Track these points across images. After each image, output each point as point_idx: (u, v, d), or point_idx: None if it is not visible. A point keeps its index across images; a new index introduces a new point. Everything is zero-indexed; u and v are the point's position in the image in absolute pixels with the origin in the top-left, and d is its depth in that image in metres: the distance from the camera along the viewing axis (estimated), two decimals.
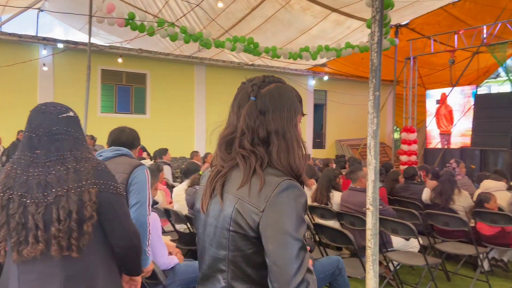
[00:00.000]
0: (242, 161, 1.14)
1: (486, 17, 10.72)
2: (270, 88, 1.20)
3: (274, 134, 1.15)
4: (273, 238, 1.04)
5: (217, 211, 1.17)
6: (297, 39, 11.30)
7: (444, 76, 13.17)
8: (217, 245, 1.16)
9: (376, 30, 2.76)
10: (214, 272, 1.18)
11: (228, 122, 1.24)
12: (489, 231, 4.26)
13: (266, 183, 1.08)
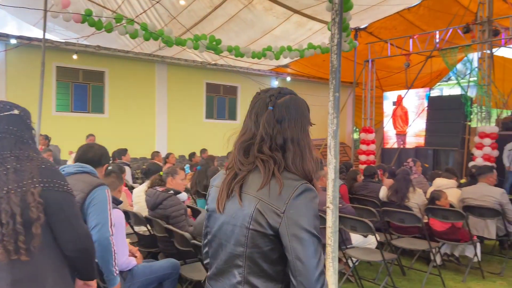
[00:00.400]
0: (262, 165, 1.24)
1: (438, 23, 11.27)
2: (285, 99, 1.31)
3: (290, 142, 1.27)
4: (295, 236, 1.16)
5: (235, 211, 1.25)
6: (260, 39, 11.35)
7: (400, 79, 13.71)
8: (235, 242, 1.24)
9: (335, 32, 2.82)
10: (230, 268, 1.27)
11: (245, 128, 1.34)
12: (441, 227, 4.47)
13: (285, 186, 1.19)
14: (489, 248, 5.39)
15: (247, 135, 1.31)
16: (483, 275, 4.40)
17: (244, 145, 1.31)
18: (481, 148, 9.64)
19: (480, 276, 4.40)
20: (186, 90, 13.62)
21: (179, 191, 3.62)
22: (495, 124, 10.40)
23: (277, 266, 1.21)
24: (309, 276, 1.15)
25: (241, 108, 14.84)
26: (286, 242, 1.17)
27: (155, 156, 7.50)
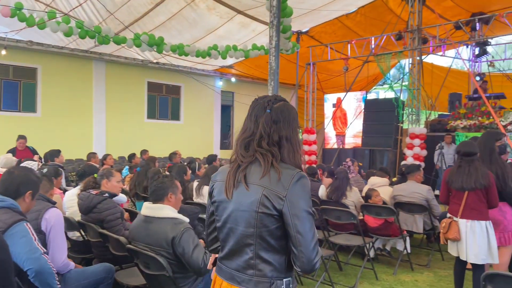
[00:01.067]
0: (261, 158, 1.50)
1: (374, 29, 11.89)
2: (280, 104, 1.58)
3: (284, 139, 1.53)
4: (296, 215, 1.43)
5: (242, 198, 1.50)
6: (203, 38, 11.26)
7: (339, 82, 14.29)
8: (246, 224, 1.49)
9: (274, 35, 2.87)
10: (242, 247, 1.51)
11: (245, 127, 1.59)
12: (374, 223, 4.72)
13: (283, 174, 1.46)
14: (418, 241, 5.77)
15: (247, 133, 1.57)
16: (412, 267, 4.70)
17: (245, 141, 1.57)
18: (411, 148, 10.31)
19: (409, 268, 4.70)
20: (126, 89, 13.14)
21: (114, 194, 3.47)
22: (424, 125, 11.17)
23: (281, 241, 1.48)
24: (307, 245, 1.43)
25: (184, 108, 14.60)
26: (288, 220, 1.44)
27: (91, 157, 7.15)
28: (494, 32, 12.62)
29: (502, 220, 3.66)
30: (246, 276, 1.51)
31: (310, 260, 1.44)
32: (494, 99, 10.99)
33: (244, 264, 1.51)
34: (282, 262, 1.50)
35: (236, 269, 1.54)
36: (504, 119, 9.56)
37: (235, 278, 1.54)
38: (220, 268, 1.61)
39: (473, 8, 11.80)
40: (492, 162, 3.62)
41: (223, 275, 1.59)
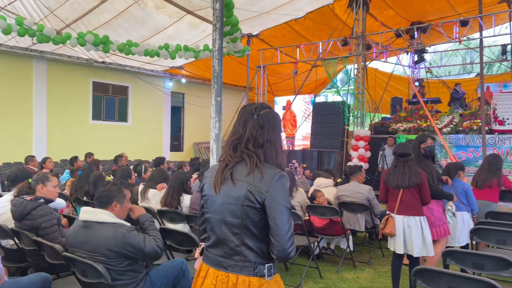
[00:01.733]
0: (247, 158, 1.68)
1: (321, 34, 12.26)
2: (266, 111, 1.77)
3: (268, 142, 1.72)
4: (275, 209, 1.60)
5: (228, 193, 1.69)
6: (152, 38, 11.02)
7: (289, 85, 14.56)
8: (232, 216, 1.67)
9: (217, 38, 2.87)
10: (228, 235, 1.69)
11: (234, 131, 1.77)
12: (320, 223, 4.85)
13: (265, 173, 1.65)
14: (361, 239, 6.02)
15: (236, 136, 1.75)
16: (355, 265, 4.89)
17: (234, 143, 1.75)
18: (356, 149, 10.74)
19: (352, 265, 4.89)
20: (70, 88, 12.54)
21: (51, 200, 3.30)
22: (369, 128, 11.68)
23: (264, 231, 1.66)
24: (284, 236, 1.60)
25: (132, 109, 14.18)
26: (268, 213, 1.62)
27: (30, 161, 6.74)
28: (432, 41, 13.50)
29: (429, 217, 3.93)
30: (232, 262, 1.69)
31: (285, 249, 1.61)
32: (431, 104, 11.74)
33: (231, 251, 1.69)
34: (264, 249, 1.68)
35: (223, 256, 1.71)
36: (439, 122, 10.23)
37: (222, 264, 1.71)
38: (207, 256, 1.79)
39: (412, 18, 12.53)
40: (418, 162, 3.89)
41: (209, 262, 1.77)
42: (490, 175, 4.82)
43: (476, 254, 2.85)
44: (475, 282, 2.18)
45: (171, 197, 4.43)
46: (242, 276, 1.66)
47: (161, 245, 2.62)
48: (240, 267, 1.67)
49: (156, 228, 2.80)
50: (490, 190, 4.81)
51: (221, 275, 1.70)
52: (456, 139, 9.83)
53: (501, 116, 9.39)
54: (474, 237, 3.60)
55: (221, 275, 1.70)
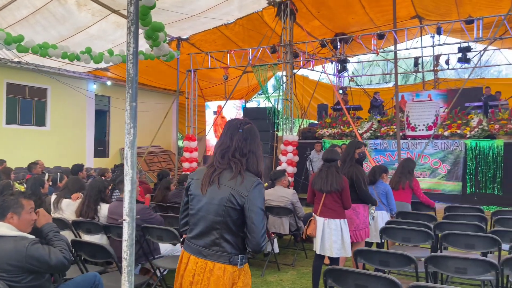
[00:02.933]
0: (234, 165, 1.99)
1: (252, 41, 12.46)
2: (249, 126, 2.09)
3: (251, 153, 2.02)
4: (252, 210, 1.92)
5: (214, 194, 1.98)
6: (73, 36, 10.41)
7: (221, 90, 14.60)
8: (215, 214, 1.97)
9: (131, 42, 2.77)
10: (210, 230, 1.99)
11: (221, 142, 2.08)
12: None
13: (246, 180, 1.95)
14: (286, 242, 6.17)
15: (223, 146, 2.06)
16: (279, 267, 5.00)
17: (222, 152, 2.05)
18: (285, 154, 11.04)
19: (276, 268, 4.99)
20: None
21: None
22: (297, 133, 12.08)
23: (240, 227, 1.97)
24: (258, 233, 1.93)
25: (51, 113, 13.21)
26: (247, 213, 1.93)
27: None
28: (354, 51, 14.35)
29: (355, 219, 4.17)
30: (211, 251, 1.99)
31: (259, 244, 1.94)
32: (353, 110, 12.45)
33: (211, 242, 1.99)
34: (239, 243, 2.00)
35: (204, 246, 2.01)
36: (360, 128, 10.89)
37: (202, 253, 2.01)
38: (188, 245, 2.08)
39: (336, 29, 13.23)
40: (351, 167, 4.15)
41: (191, 251, 2.06)
42: (403, 177, 5.23)
43: (382, 252, 3.05)
44: (377, 279, 2.33)
45: (87, 207, 4.20)
46: (219, 264, 1.97)
47: (68, 256, 2.51)
48: (218, 256, 1.98)
49: (62, 239, 2.64)
50: (403, 191, 5.21)
51: (201, 261, 2.00)
52: (375, 144, 10.52)
53: (413, 122, 10.23)
54: (383, 235, 3.87)
55: (200, 261, 2.01)
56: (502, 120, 9.22)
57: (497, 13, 9.87)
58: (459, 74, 16.87)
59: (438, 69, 14.61)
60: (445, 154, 9.66)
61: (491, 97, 10.73)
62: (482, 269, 2.76)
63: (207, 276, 1.97)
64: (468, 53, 11.25)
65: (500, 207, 8.18)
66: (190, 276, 2.02)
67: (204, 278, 1.98)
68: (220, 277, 1.96)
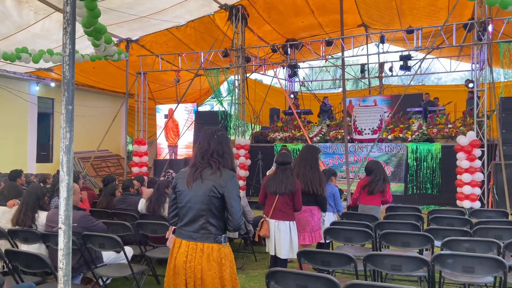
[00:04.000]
0: (213, 163, 2.49)
1: (203, 44, 12.40)
2: (222, 132, 2.60)
3: (225, 153, 2.54)
4: (231, 197, 2.43)
5: (199, 188, 2.46)
6: (14, 35, 9.82)
7: (172, 93, 14.37)
8: (201, 204, 2.44)
9: (67, 43, 2.68)
10: (198, 217, 2.45)
11: (201, 146, 2.56)
12: None
13: (223, 174, 2.47)
14: (236, 245, 6.18)
15: (202, 149, 2.55)
16: None
17: (202, 154, 2.54)
18: (237, 158, 11.05)
19: None
20: None
21: None
22: (250, 137, 12.14)
23: (221, 212, 2.47)
24: (237, 214, 2.46)
25: None
26: (227, 200, 2.44)
27: None
28: (305, 57, 14.71)
29: (310, 221, 4.27)
30: (200, 234, 2.46)
31: (238, 223, 2.48)
32: (303, 115, 12.74)
33: (199, 227, 2.45)
34: (221, 225, 2.51)
35: (193, 231, 2.47)
36: (310, 132, 11.16)
37: (192, 237, 2.47)
38: (180, 232, 2.53)
39: (287, 34, 13.49)
40: (313, 170, 4.24)
41: (182, 237, 2.51)
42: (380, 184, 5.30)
43: (324, 253, 3.15)
44: (316, 279, 2.40)
45: (24, 215, 3.97)
46: (207, 244, 2.44)
47: None
48: (205, 237, 2.45)
49: None
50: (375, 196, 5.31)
51: (192, 244, 2.45)
52: (324, 147, 10.83)
53: (360, 126, 10.64)
54: (327, 236, 3.99)
55: (191, 244, 2.45)
56: (439, 124, 9.83)
57: (435, 24, 10.54)
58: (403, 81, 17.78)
59: (382, 75, 15.33)
60: (389, 156, 10.14)
61: (430, 103, 11.42)
62: (415, 265, 2.93)
63: (199, 255, 2.42)
64: (409, 61, 11.90)
65: (438, 206, 8.73)
66: (183, 256, 2.45)
67: (197, 257, 2.42)
68: (210, 254, 2.43)
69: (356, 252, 4.07)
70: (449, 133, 9.58)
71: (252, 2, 11.01)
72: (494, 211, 5.84)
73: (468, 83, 9.95)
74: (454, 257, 2.90)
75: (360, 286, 2.23)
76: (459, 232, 3.95)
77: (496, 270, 2.83)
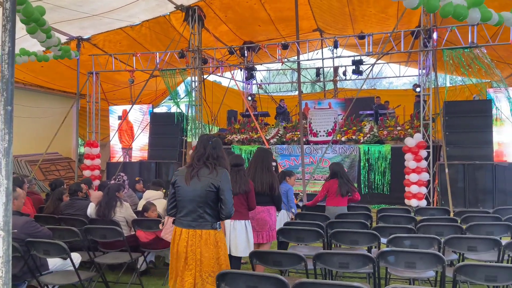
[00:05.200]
0: (209, 165, 2.94)
1: (159, 44, 12.18)
2: (216, 139, 3.06)
3: (220, 156, 3.00)
4: (224, 190, 2.89)
5: (196, 184, 2.90)
6: None
7: (126, 94, 13.98)
8: (199, 197, 2.88)
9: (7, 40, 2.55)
10: (196, 208, 2.89)
11: (198, 150, 3.03)
12: (146, 238, 4.74)
13: (219, 172, 2.93)
14: None
15: (199, 153, 3.00)
16: None
17: (198, 157, 2.99)
18: None
19: None
20: None
21: None
22: None
23: (216, 203, 2.92)
24: (229, 204, 2.91)
25: None
26: (221, 192, 2.89)
27: None
28: (262, 59, 14.86)
29: (268, 221, 4.38)
30: (198, 223, 2.90)
31: (230, 211, 2.93)
32: (261, 117, 12.86)
33: (197, 217, 2.89)
34: (216, 214, 2.95)
35: (192, 220, 2.90)
36: (268, 134, 11.27)
37: (191, 225, 2.90)
38: (180, 222, 2.95)
39: (244, 36, 13.56)
40: (268, 172, 4.36)
41: (182, 226, 2.93)
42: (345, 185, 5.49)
43: (275, 253, 3.20)
44: (267, 279, 2.44)
45: None
46: (205, 230, 2.90)
47: None
48: (203, 225, 2.90)
49: None
50: (345, 198, 5.51)
51: (191, 231, 2.89)
52: (281, 149, 10.99)
53: (315, 129, 10.90)
54: (280, 236, 4.05)
55: (191, 231, 2.89)
56: (389, 127, 10.27)
57: (386, 30, 11.00)
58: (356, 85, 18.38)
59: (337, 79, 15.79)
60: (343, 158, 10.45)
61: (381, 106, 11.91)
62: (361, 262, 3.05)
63: (198, 240, 2.87)
64: (361, 66, 12.34)
65: (389, 205, 9.11)
66: (184, 242, 2.88)
67: (196, 242, 2.87)
68: (208, 239, 2.88)
69: (309, 252, 4.17)
70: (398, 135, 10.04)
71: (208, 3, 10.96)
72: (437, 208, 6.19)
73: (416, 88, 10.47)
74: (397, 253, 3.04)
75: (307, 284, 2.28)
76: (404, 230, 4.15)
77: (436, 264, 3.00)
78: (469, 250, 3.69)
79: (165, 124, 11.66)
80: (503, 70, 11.74)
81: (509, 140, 9.53)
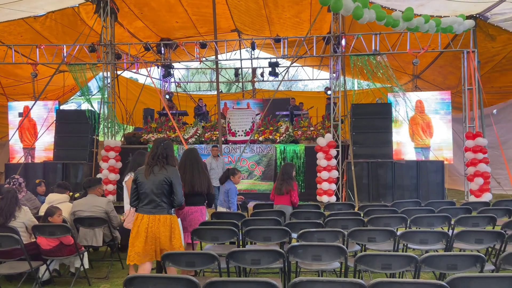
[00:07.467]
0: (160, 162, 3.68)
1: (66, 37, 11.34)
2: (167, 141, 3.83)
3: (169, 156, 3.73)
4: (176, 184, 3.66)
5: (154, 178, 3.62)
6: None
7: (29, 89, 12.77)
8: (156, 189, 3.61)
9: None
10: (154, 198, 3.61)
11: (152, 150, 3.74)
12: (48, 245, 4.37)
13: (169, 169, 3.69)
14: (102, 254, 5.80)
15: (153, 153, 3.68)
16: (90, 282, 4.64)
17: (152, 156, 3.67)
18: (107, 160, 10.40)
19: (87, 284, 4.62)
20: None
21: None
22: (121, 138, 11.49)
23: (170, 194, 3.64)
24: (179, 195, 3.66)
25: None
26: (173, 186, 3.62)
27: None
28: (180, 57, 14.60)
29: (201, 220, 4.32)
30: (157, 210, 3.58)
31: (181, 201, 3.63)
32: (179, 116, 12.62)
33: (155, 205, 3.58)
34: (170, 202, 3.62)
35: (152, 208, 3.58)
36: (186, 133, 11.11)
37: (151, 211, 3.58)
38: (142, 209, 3.61)
39: (161, 33, 13.21)
40: (200, 173, 4.35)
41: (144, 212, 3.60)
42: (285, 183, 5.59)
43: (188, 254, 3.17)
44: (177, 280, 2.41)
45: None
46: (162, 215, 3.58)
47: None
48: (161, 211, 3.58)
49: None
50: (285, 196, 5.59)
51: (151, 216, 3.56)
52: (200, 148, 10.89)
53: (233, 128, 11.00)
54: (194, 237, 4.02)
55: (151, 216, 3.56)
56: (303, 127, 10.77)
57: (300, 34, 11.52)
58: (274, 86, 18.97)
59: (255, 80, 16.11)
60: (260, 157, 10.71)
61: (296, 107, 12.43)
62: (272, 258, 3.15)
63: (157, 223, 3.55)
64: (278, 68, 12.76)
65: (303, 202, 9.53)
66: (145, 225, 3.54)
67: (156, 224, 3.54)
68: (165, 222, 3.58)
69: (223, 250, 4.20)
70: (311, 135, 10.57)
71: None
72: (344, 204, 6.64)
73: (327, 90, 11.11)
74: (305, 247, 3.20)
75: (218, 283, 2.30)
76: (313, 225, 4.39)
77: (339, 256, 3.22)
78: (369, 241, 4.02)
79: (74, 122, 10.88)
80: (401, 78, 13.00)
81: (405, 140, 10.59)
